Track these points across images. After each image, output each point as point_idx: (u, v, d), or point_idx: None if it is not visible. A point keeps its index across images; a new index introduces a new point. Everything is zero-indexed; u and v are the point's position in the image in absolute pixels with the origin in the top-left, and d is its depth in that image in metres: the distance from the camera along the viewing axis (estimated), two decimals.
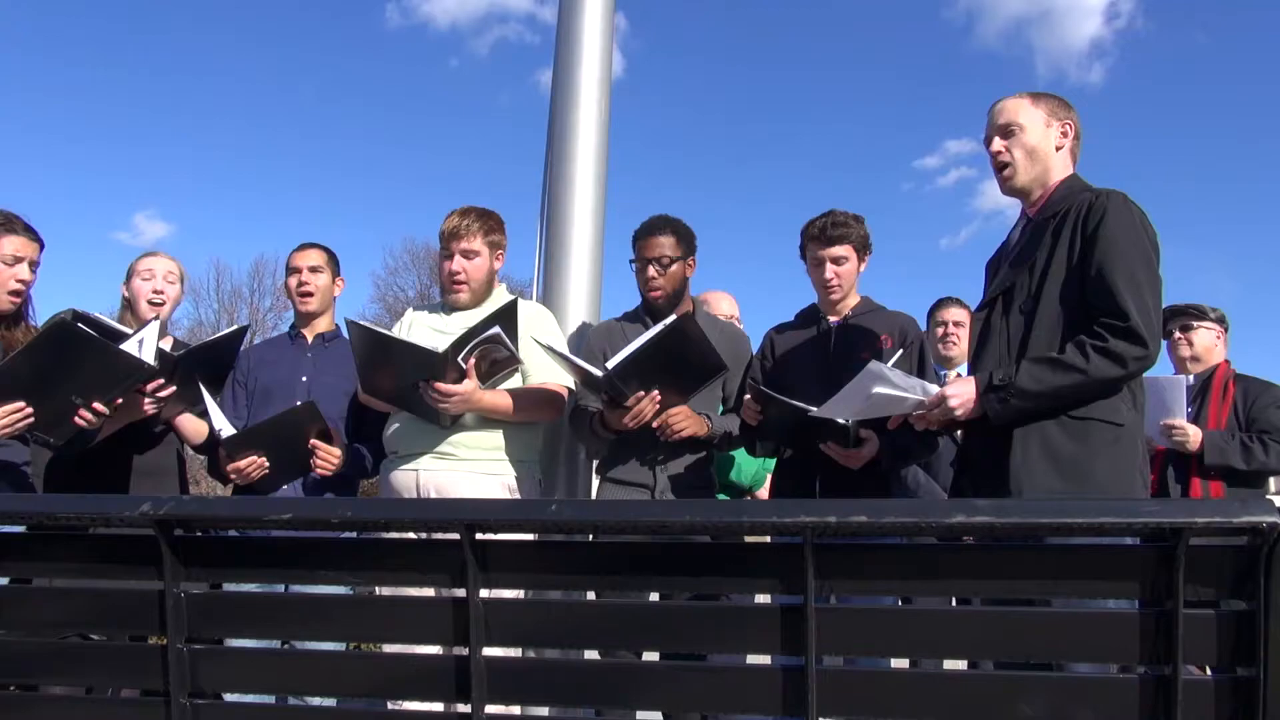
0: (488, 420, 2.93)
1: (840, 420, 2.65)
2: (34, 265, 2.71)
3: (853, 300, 3.05)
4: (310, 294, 3.24)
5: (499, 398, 2.88)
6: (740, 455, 3.54)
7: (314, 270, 3.25)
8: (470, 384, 2.74)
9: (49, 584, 1.59)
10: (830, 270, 2.97)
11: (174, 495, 1.46)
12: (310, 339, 3.28)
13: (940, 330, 3.96)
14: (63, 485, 3.01)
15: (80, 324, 2.53)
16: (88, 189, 34.88)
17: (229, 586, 1.50)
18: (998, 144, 2.49)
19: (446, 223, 3.06)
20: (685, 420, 2.89)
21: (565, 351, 2.86)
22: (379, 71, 38.00)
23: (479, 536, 1.24)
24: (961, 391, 2.36)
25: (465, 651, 1.24)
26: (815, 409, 2.61)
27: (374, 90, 37.99)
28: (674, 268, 3.11)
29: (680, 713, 1.22)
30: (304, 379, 3.17)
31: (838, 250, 2.97)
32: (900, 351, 2.80)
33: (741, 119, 37.16)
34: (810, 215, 3.05)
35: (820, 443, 2.75)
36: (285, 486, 3.02)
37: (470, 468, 2.91)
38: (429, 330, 3.07)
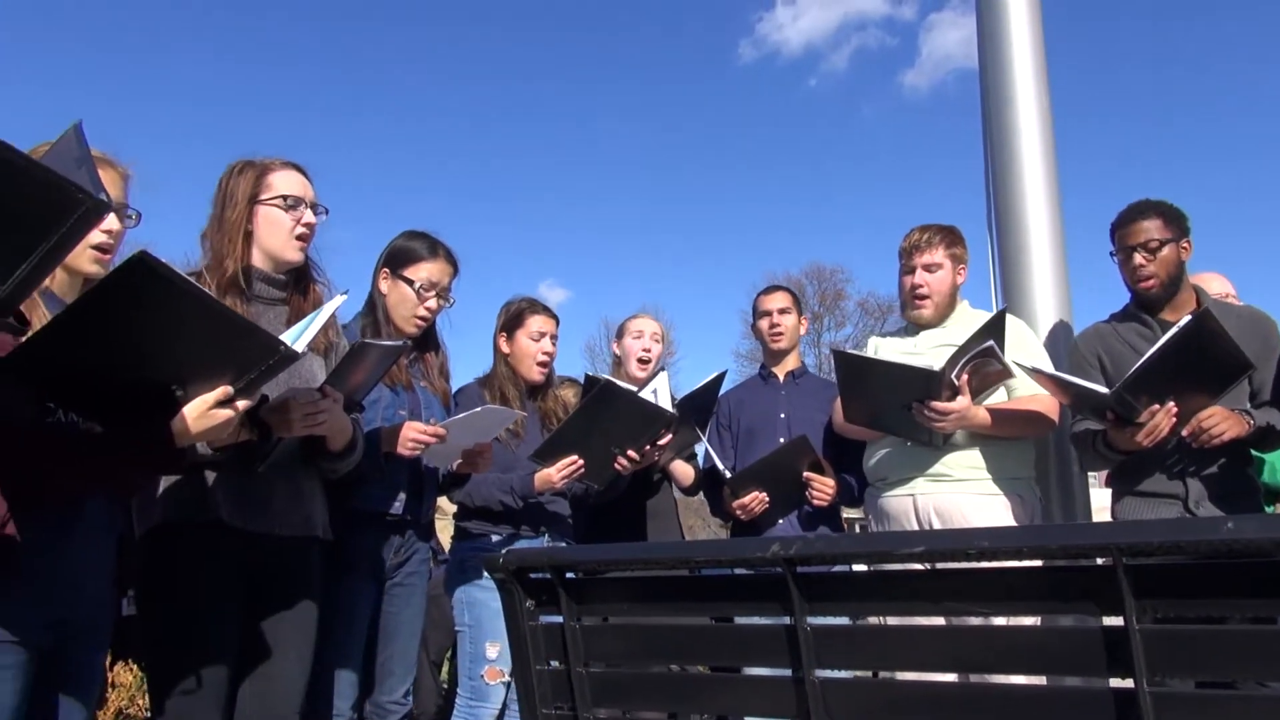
0: (978, 438, 2.84)
1: None
2: (554, 339, 3.11)
3: None
4: (781, 333, 3.39)
5: (991, 415, 2.78)
6: (1273, 455, 3.08)
7: (782, 312, 3.40)
8: (965, 400, 2.67)
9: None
10: None
11: (800, 535, 1.55)
12: (782, 377, 3.42)
13: None
14: (584, 530, 3.39)
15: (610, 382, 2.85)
16: (500, 264, 39.87)
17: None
18: None
19: (906, 239, 3.06)
20: (1224, 422, 2.50)
21: (1057, 372, 2.67)
22: (738, 109, 39.33)
23: (1127, 561, 1.17)
24: None
25: (1130, 683, 1.16)
26: None
27: (734, 129, 39.39)
28: (1165, 251, 2.79)
29: None
30: (782, 415, 3.30)
31: None
32: None
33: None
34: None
35: None
36: (781, 521, 3.14)
37: (968, 489, 2.83)
38: (898, 354, 3.05)
